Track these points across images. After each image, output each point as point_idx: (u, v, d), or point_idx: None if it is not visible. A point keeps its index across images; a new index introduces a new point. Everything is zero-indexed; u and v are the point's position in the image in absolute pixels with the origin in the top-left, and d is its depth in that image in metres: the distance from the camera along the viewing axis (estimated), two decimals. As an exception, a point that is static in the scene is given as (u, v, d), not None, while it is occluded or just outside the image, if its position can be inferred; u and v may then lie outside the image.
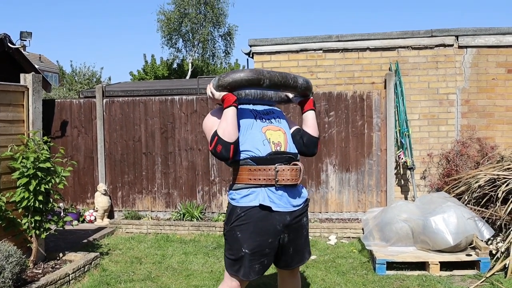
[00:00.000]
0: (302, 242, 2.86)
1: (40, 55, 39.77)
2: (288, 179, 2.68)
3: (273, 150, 2.71)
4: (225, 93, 2.67)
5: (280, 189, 2.69)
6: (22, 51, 7.36)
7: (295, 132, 2.93)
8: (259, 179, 2.67)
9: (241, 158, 2.70)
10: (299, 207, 2.79)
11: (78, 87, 20.55)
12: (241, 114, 2.75)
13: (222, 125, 2.63)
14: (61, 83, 26.03)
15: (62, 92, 20.63)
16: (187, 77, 24.55)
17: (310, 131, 2.92)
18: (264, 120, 2.82)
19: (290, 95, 3.03)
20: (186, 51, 27.91)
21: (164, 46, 28.24)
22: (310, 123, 2.94)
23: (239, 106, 2.77)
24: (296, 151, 2.85)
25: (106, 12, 63.78)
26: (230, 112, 2.64)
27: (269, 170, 2.66)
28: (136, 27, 60.64)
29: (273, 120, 2.85)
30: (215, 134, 2.64)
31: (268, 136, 2.74)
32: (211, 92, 2.74)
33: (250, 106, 2.90)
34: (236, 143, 2.64)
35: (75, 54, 67.88)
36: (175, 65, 28.50)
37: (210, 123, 2.77)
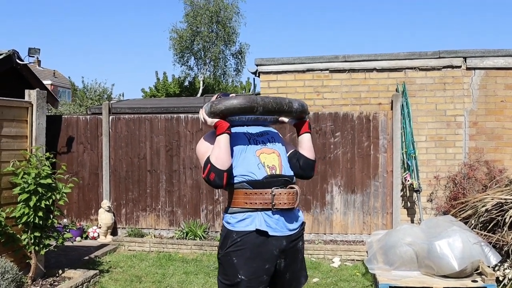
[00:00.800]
0: (298, 267, 2.78)
1: (54, 70, 40.27)
2: (285, 203, 2.62)
3: (269, 173, 2.65)
4: (217, 119, 2.63)
5: (276, 213, 2.63)
6: (37, 66, 7.44)
7: (292, 155, 2.87)
8: (256, 203, 2.61)
9: (236, 181, 2.64)
10: (296, 231, 2.73)
11: (88, 103, 20.71)
12: (234, 138, 2.70)
13: (215, 153, 2.58)
14: (73, 98, 26.28)
15: (72, 108, 20.78)
16: (198, 95, 24.68)
17: (306, 154, 2.86)
18: (258, 143, 2.76)
19: (286, 120, 2.97)
20: (198, 69, 28.10)
21: (176, 64, 28.49)
22: (306, 146, 2.88)
23: (232, 129, 2.72)
24: (292, 174, 2.79)
25: (120, 29, 64.63)
26: (223, 139, 2.59)
27: (266, 194, 2.60)
28: (149, 44, 61.28)
29: (267, 143, 2.79)
30: (208, 161, 2.60)
31: (263, 159, 2.68)
32: (204, 118, 2.70)
33: (244, 129, 2.84)
34: (229, 170, 2.60)
35: (89, 70, 68.66)
36: (186, 83, 28.68)
37: (204, 149, 2.72)
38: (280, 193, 2.61)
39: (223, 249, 2.67)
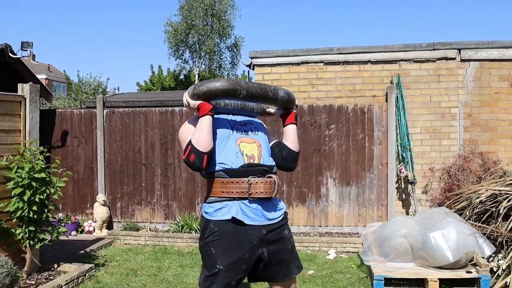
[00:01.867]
0: (287, 256, 2.75)
1: (49, 64, 40.15)
2: (261, 192, 2.61)
3: (246, 162, 2.63)
4: (200, 101, 2.61)
5: (254, 202, 2.61)
6: (31, 60, 7.40)
7: (275, 145, 2.85)
8: (232, 192, 2.59)
9: (215, 170, 2.63)
10: (275, 220, 2.70)
11: (83, 97, 20.62)
12: (218, 124, 2.69)
13: (196, 134, 2.56)
14: (68, 93, 26.17)
15: (67, 102, 20.70)
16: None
17: (290, 145, 2.84)
18: (240, 131, 2.74)
19: (272, 110, 2.92)
20: (193, 62, 28.02)
21: (171, 57, 28.42)
22: (290, 137, 2.86)
23: (217, 116, 2.71)
24: (272, 164, 2.76)
25: (114, 23, 64.35)
26: (205, 121, 2.58)
27: (242, 182, 2.59)
28: (144, 38, 61.09)
29: (249, 132, 2.77)
30: (189, 143, 2.57)
31: (242, 148, 2.66)
32: (187, 101, 2.69)
33: (229, 116, 2.82)
34: (210, 153, 2.58)
35: (84, 65, 68.45)
36: (182, 76, 28.59)
37: (186, 132, 2.70)
38: (256, 182, 2.60)
39: (202, 240, 2.66)
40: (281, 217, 2.75)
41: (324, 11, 57.19)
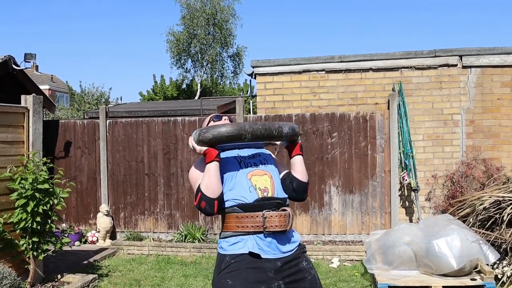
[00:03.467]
0: (307, 286, 2.70)
1: (52, 75, 40.30)
2: (276, 226, 2.60)
3: (260, 196, 2.63)
4: (206, 148, 2.62)
5: (269, 236, 2.61)
6: (34, 71, 7.46)
7: (285, 176, 2.85)
8: (247, 227, 2.59)
9: (228, 206, 2.63)
10: (290, 252, 2.69)
11: (86, 107, 20.69)
12: (225, 163, 2.70)
13: (205, 181, 2.57)
14: (71, 103, 26.27)
15: (70, 112, 20.77)
16: (196, 97, 24.67)
17: (299, 176, 2.83)
18: (249, 165, 2.75)
19: (277, 142, 2.93)
20: (195, 72, 28.09)
21: (173, 67, 28.42)
22: (298, 168, 2.85)
23: (223, 154, 2.74)
24: (284, 196, 2.76)
25: (117, 33, 64.67)
26: (212, 167, 2.58)
27: (257, 217, 2.58)
28: (147, 48, 61.33)
29: (259, 164, 2.77)
30: (199, 190, 2.59)
31: (254, 182, 2.66)
32: (193, 146, 2.69)
33: (235, 152, 2.83)
34: (220, 198, 2.59)
35: (87, 75, 68.70)
36: (184, 86, 28.66)
37: (195, 177, 2.71)
38: (271, 216, 2.59)
39: (217, 273, 2.64)
40: (295, 249, 2.72)
41: (325, 20, 57.38)
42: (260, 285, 2.58)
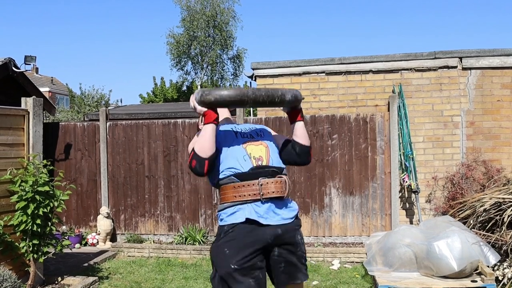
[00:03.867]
0: (295, 260, 2.75)
1: (52, 77, 40.35)
2: (273, 192, 2.65)
3: (255, 165, 2.69)
4: (206, 109, 2.68)
5: (266, 202, 2.65)
6: (34, 73, 7.47)
7: (287, 142, 2.91)
8: (244, 195, 2.64)
9: (225, 176, 2.69)
10: (290, 220, 2.73)
11: (86, 110, 20.71)
12: (222, 135, 2.77)
13: (199, 141, 2.66)
14: (71, 105, 26.28)
15: (70, 115, 20.79)
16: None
17: (300, 141, 2.89)
18: (244, 135, 2.82)
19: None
20: (195, 74, 28.14)
21: (173, 69, 28.51)
22: (299, 133, 2.91)
23: (221, 127, 2.81)
24: (281, 166, 2.81)
25: (117, 35, 64.72)
26: (208, 129, 2.65)
27: (253, 185, 2.64)
28: (147, 50, 61.42)
29: (254, 135, 2.85)
30: (192, 149, 2.68)
31: (249, 151, 2.73)
32: (194, 105, 2.76)
33: (232, 126, 2.91)
34: (211, 159, 2.64)
35: (87, 77, 68.77)
36: (184, 88, 28.70)
37: (193, 142, 2.80)
38: (267, 183, 2.64)
39: (216, 242, 2.69)
40: (295, 218, 2.77)
41: (325, 22, 57.42)
42: (256, 248, 2.62)
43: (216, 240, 2.70)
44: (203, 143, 2.64)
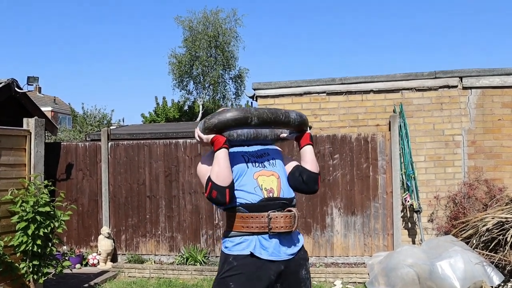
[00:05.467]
0: None
1: (55, 97, 40.59)
2: (282, 227, 2.57)
3: (266, 196, 2.61)
4: (213, 135, 2.59)
5: (273, 237, 2.58)
6: (37, 93, 7.52)
7: (294, 169, 2.79)
8: (252, 227, 2.57)
9: (233, 205, 2.61)
10: (294, 255, 2.67)
11: (88, 129, 20.77)
12: (232, 159, 2.65)
13: (215, 169, 2.54)
14: (73, 125, 26.38)
15: (72, 134, 20.84)
16: (198, 119, 24.75)
17: (309, 167, 2.78)
18: (256, 164, 2.71)
19: (285, 134, 2.90)
20: (197, 93, 28.23)
21: (175, 88, 28.58)
22: (308, 159, 2.79)
23: (231, 149, 2.68)
24: (291, 196, 2.73)
25: (119, 55, 65.25)
26: (221, 155, 2.55)
27: (262, 217, 2.56)
28: (149, 70, 61.88)
29: (266, 164, 2.74)
30: (209, 179, 2.55)
31: (261, 182, 2.64)
32: (199, 136, 2.67)
33: (242, 149, 2.80)
34: (231, 186, 2.55)
35: (89, 97, 69.17)
36: (186, 107, 28.80)
37: (204, 169, 2.68)
38: (276, 217, 2.57)
39: (220, 274, 2.62)
40: (299, 252, 2.70)
41: (327, 42, 57.88)
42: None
43: (220, 271, 2.63)
44: (219, 171, 2.53)
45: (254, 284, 2.56)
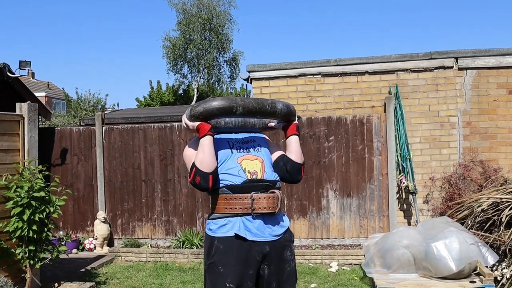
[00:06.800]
0: (284, 278, 2.72)
1: (48, 82, 40.28)
2: (264, 207, 2.60)
3: (249, 178, 2.64)
4: (199, 122, 2.63)
5: (257, 218, 2.61)
6: (31, 78, 7.44)
7: (279, 158, 2.83)
8: (235, 208, 2.60)
9: (218, 187, 2.64)
10: (279, 236, 2.70)
11: (83, 114, 20.64)
12: (217, 145, 2.70)
13: (199, 156, 2.59)
14: (68, 110, 26.19)
15: (67, 119, 20.72)
16: (193, 103, 24.62)
17: (293, 157, 2.83)
18: (241, 150, 2.75)
19: (273, 123, 2.93)
20: (192, 77, 28.04)
21: (170, 72, 28.37)
22: (293, 149, 2.85)
23: (217, 136, 2.74)
24: (275, 179, 2.76)
25: (113, 39, 64.70)
26: (206, 142, 2.60)
27: (245, 198, 2.59)
28: (143, 53, 61.39)
29: (251, 150, 2.77)
30: (193, 165, 2.60)
31: (244, 165, 2.68)
32: (185, 123, 2.71)
33: (228, 135, 2.83)
34: (215, 173, 2.60)
35: (83, 81, 68.69)
36: (180, 91, 28.62)
37: (189, 155, 2.73)
38: (259, 198, 2.60)
39: (209, 259, 2.64)
40: (283, 234, 2.73)
41: (321, 23, 57.51)
42: (248, 270, 2.61)
43: (207, 256, 2.66)
44: (203, 157, 2.58)
45: (242, 265, 2.59)
